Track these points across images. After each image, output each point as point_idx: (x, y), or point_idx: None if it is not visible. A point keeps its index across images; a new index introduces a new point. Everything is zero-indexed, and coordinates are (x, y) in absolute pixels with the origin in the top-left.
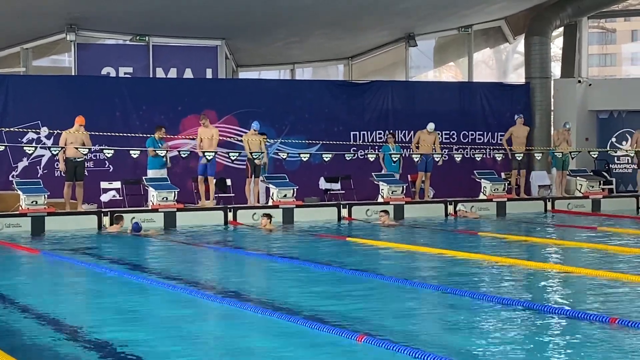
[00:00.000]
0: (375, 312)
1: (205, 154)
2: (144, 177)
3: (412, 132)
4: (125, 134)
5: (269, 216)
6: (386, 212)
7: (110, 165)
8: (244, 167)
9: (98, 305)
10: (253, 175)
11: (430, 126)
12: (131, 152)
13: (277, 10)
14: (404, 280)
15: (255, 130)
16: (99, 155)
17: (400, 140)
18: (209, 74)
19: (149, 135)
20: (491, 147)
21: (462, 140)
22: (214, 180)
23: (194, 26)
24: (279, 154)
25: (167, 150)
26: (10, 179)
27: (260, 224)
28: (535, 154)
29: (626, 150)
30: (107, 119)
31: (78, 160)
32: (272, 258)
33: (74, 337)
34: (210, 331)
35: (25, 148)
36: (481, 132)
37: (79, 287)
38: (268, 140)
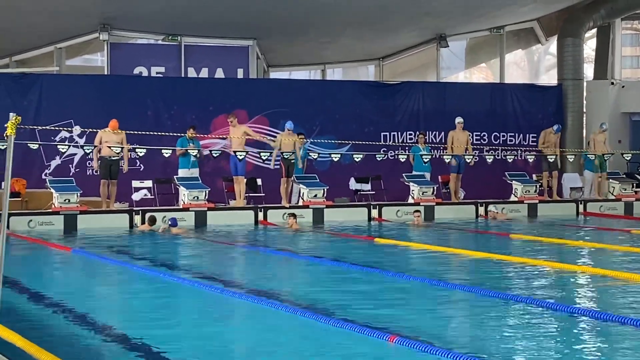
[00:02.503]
0: (406, 312)
1: (237, 153)
2: (175, 177)
3: (442, 133)
4: (156, 133)
5: (294, 215)
6: (419, 212)
7: (142, 165)
8: (276, 167)
9: (129, 303)
10: (287, 175)
11: (459, 119)
12: (163, 151)
13: (308, 11)
14: (435, 280)
15: (289, 130)
16: (131, 154)
17: (430, 140)
18: (240, 74)
19: (180, 135)
20: (522, 149)
21: (493, 141)
22: (244, 180)
23: (226, 26)
24: (310, 154)
25: (198, 154)
26: (43, 177)
27: (288, 224)
28: (568, 156)
29: None
30: (139, 118)
31: (113, 159)
32: (303, 258)
33: (105, 334)
34: (240, 330)
35: (58, 146)
36: (512, 134)
37: (109, 284)
38: (305, 139)
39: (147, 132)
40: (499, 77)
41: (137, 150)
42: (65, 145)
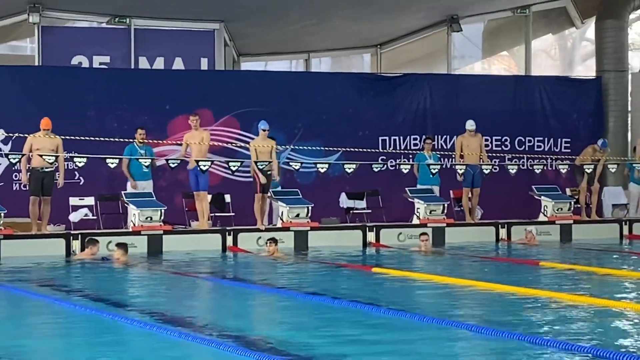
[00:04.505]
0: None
1: (200, 163)
2: (122, 192)
3: (455, 137)
4: (100, 139)
5: (275, 241)
6: (427, 235)
7: (81, 177)
8: (248, 180)
9: (65, 350)
10: (262, 190)
11: (470, 123)
12: (107, 161)
13: None
14: (445, 320)
15: (264, 131)
16: (68, 164)
17: (440, 147)
18: (203, 64)
19: (129, 141)
20: (553, 157)
21: (517, 147)
22: (208, 196)
23: (186, 5)
24: (290, 164)
25: (150, 164)
26: None
27: (267, 251)
28: (609, 166)
29: None
30: (77, 120)
31: (46, 170)
32: (280, 292)
33: None
34: None
35: None
36: (541, 138)
37: (41, 327)
38: (278, 147)
39: (88, 138)
40: (524, 69)
41: (75, 159)
42: None
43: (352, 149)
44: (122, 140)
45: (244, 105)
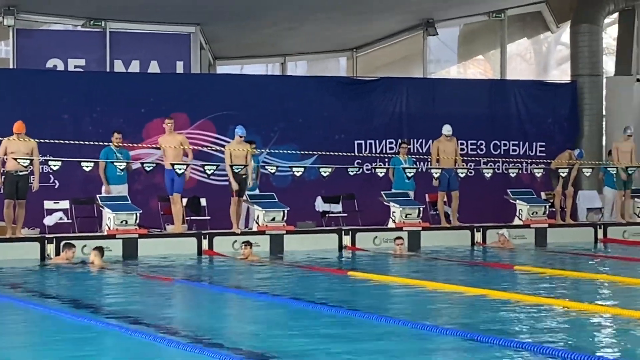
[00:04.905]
0: None
1: (175, 167)
2: (98, 196)
3: (430, 141)
4: (75, 142)
5: (250, 244)
6: (402, 239)
7: (56, 181)
8: (224, 183)
9: (40, 354)
10: (238, 194)
11: (447, 128)
12: (82, 164)
13: None
14: (420, 324)
15: (241, 137)
16: (43, 167)
17: (415, 151)
18: (179, 67)
19: (104, 144)
20: (528, 161)
21: (492, 151)
22: (181, 199)
23: (162, 8)
24: (266, 167)
25: (126, 167)
26: None
27: (242, 254)
28: (584, 170)
29: None
30: (52, 123)
31: (21, 174)
32: (257, 296)
33: None
34: None
35: None
36: (516, 142)
37: (16, 331)
38: (255, 150)
39: (63, 141)
40: (499, 72)
41: (50, 163)
42: None
43: (328, 153)
44: (97, 143)
45: (219, 108)
